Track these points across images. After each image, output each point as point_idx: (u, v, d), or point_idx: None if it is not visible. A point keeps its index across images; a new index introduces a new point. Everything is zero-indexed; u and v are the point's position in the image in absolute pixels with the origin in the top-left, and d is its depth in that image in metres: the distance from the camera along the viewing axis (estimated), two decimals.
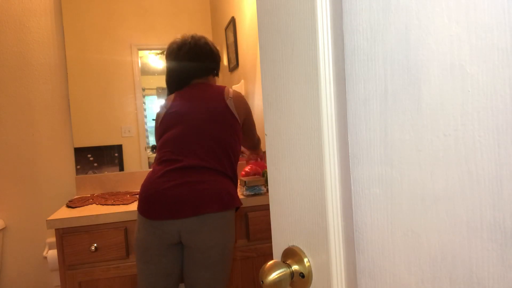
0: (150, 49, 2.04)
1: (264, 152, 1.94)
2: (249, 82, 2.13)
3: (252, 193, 1.65)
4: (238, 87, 2.17)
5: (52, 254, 1.72)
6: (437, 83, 0.35)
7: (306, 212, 0.45)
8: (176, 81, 1.45)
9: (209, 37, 2.13)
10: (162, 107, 1.44)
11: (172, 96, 1.44)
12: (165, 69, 1.48)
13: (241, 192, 1.69)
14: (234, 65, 2.18)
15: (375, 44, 0.41)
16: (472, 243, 0.33)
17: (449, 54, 0.34)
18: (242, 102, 1.43)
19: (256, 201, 1.62)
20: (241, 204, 1.35)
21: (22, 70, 1.82)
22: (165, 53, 1.47)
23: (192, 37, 1.43)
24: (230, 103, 1.37)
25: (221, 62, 1.51)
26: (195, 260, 1.26)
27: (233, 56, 2.18)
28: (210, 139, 1.30)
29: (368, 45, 0.42)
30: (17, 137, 1.89)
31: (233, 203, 1.28)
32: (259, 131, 2.11)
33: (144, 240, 1.26)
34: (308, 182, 0.44)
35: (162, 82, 2.07)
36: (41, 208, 1.92)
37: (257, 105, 2.10)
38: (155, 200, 1.23)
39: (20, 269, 1.90)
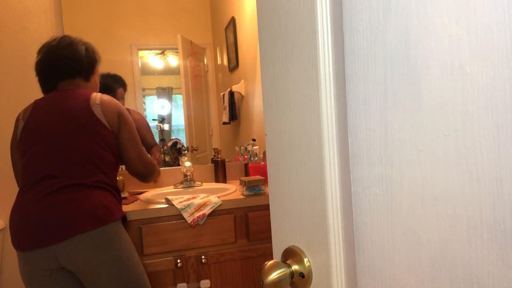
0: (150, 49, 2.04)
1: (265, 152, 1.94)
2: (249, 82, 2.13)
3: (252, 193, 1.65)
4: (238, 87, 2.17)
5: None
6: (437, 83, 0.35)
7: (306, 212, 0.45)
8: (42, 84, 1.35)
9: (209, 37, 2.13)
10: (18, 120, 1.30)
11: (30, 106, 1.31)
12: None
13: (241, 192, 1.69)
14: (234, 65, 2.18)
15: (375, 44, 0.41)
16: (472, 243, 0.33)
17: (449, 54, 0.34)
18: (111, 109, 1.29)
19: (256, 201, 1.62)
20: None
21: (22, 70, 1.82)
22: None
23: (61, 37, 1.33)
24: (96, 110, 1.26)
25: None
26: (88, 282, 1.17)
27: (233, 56, 2.18)
28: (77, 152, 1.20)
29: (368, 45, 0.42)
30: None
31: (111, 216, 1.19)
32: (259, 131, 2.11)
33: (24, 272, 1.18)
34: (308, 182, 0.44)
35: (162, 82, 2.07)
36: None
37: (257, 105, 2.10)
38: (22, 229, 1.14)
39: None
